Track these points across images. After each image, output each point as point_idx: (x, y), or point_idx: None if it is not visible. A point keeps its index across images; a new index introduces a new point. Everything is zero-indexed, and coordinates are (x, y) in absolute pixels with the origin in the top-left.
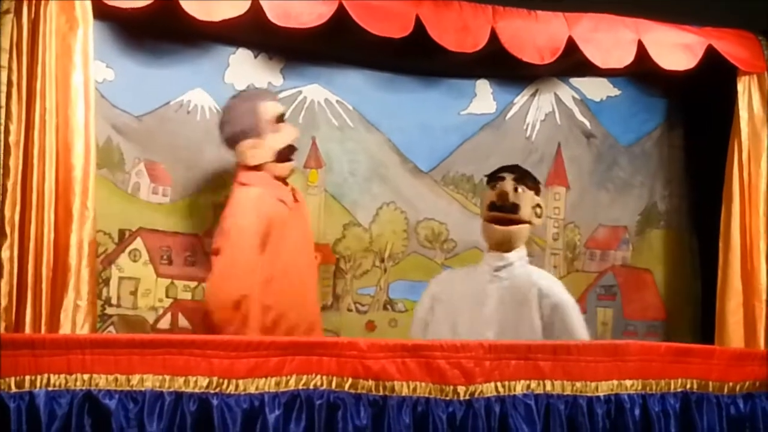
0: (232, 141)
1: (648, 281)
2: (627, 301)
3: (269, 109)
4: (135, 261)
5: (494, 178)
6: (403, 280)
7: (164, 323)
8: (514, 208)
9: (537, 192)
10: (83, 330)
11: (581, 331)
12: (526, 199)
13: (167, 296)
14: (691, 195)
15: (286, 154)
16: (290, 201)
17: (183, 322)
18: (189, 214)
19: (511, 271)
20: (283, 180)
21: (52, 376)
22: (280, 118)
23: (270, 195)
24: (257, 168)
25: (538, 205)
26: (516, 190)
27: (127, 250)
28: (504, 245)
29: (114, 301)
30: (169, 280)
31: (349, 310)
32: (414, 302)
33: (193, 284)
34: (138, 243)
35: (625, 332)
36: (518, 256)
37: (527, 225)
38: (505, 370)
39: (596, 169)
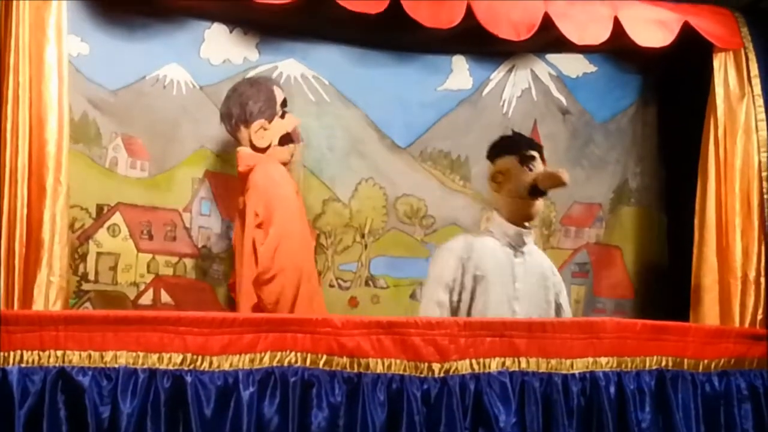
0: (243, 121)
1: (617, 259)
2: (598, 278)
3: (279, 94)
4: (114, 236)
5: (526, 157)
6: (384, 255)
7: (146, 299)
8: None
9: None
10: (56, 306)
11: (569, 311)
12: None
13: (148, 272)
14: (663, 173)
15: (286, 140)
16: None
17: (165, 297)
18: (168, 189)
19: (530, 246)
20: (286, 164)
21: (24, 352)
22: (285, 104)
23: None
24: (263, 150)
25: None
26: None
27: (106, 225)
28: (531, 219)
29: (91, 276)
30: (150, 256)
31: (331, 286)
32: (396, 279)
33: (174, 259)
34: (117, 218)
35: (595, 309)
36: (532, 231)
37: None
38: (480, 347)
39: (572, 146)
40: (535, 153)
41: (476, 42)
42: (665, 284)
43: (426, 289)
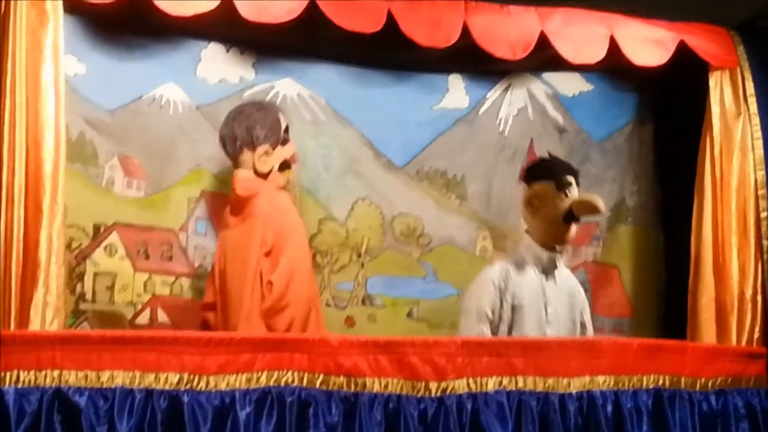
0: (248, 144)
1: (615, 277)
2: (595, 297)
3: (283, 120)
4: (111, 256)
5: (562, 182)
6: (381, 275)
7: (143, 319)
8: None
9: None
10: (52, 326)
11: (591, 329)
12: None
13: (145, 291)
14: (660, 191)
15: (284, 166)
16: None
17: (162, 317)
18: (164, 208)
19: (560, 269)
20: (284, 189)
21: (21, 372)
22: (287, 130)
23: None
24: (264, 175)
25: None
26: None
27: (103, 244)
28: (564, 243)
29: (89, 296)
30: (147, 275)
31: (328, 305)
32: (392, 298)
33: (170, 279)
34: (114, 237)
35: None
36: (565, 255)
37: None
38: (477, 366)
39: None
40: (571, 179)
41: (473, 61)
42: (663, 303)
43: (466, 321)
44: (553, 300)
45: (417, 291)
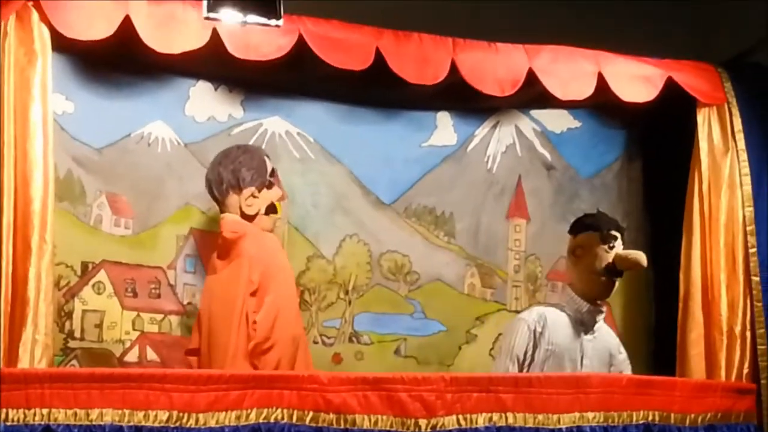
0: (234, 187)
1: (606, 314)
2: None
3: (269, 163)
4: (99, 293)
5: (608, 236)
6: (368, 312)
7: (132, 356)
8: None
9: None
10: (41, 364)
11: None
12: None
13: (134, 329)
14: (649, 227)
15: (271, 210)
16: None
17: (151, 354)
18: (152, 246)
19: (600, 324)
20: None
21: (10, 410)
22: (273, 174)
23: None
24: (251, 218)
25: None
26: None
27: (91, 282)
28: (604, 298)
29: (77, 334)
30: (135, 313)
31: (315, 342)
32: (380, 335)
33: (159, 317)
34: (102, 275)
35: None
36: (605, 311)
37: None
38: (466, 402)
39: (557, 201)
40: (617, 234)
41: (461, 98)
42: (652, 338)
43: (498, 359)
44: (590, 353)
45: (404, 328)
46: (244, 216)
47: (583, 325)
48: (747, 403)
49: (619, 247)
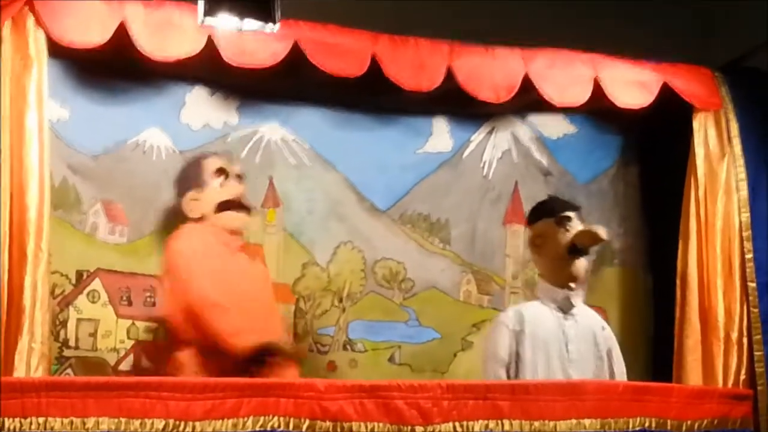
0: (178, 194)
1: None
2: None
3: (213, 163)
4: (94, 302)
5: (561, 218)
6: (362, 319)
7: (126, 365)
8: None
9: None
10: (37, 373)
11: (623, 361)
12: None
13: (128, 337)
14: (645, 232)
15: (228, 208)
16: (235, 248)
17: (146, 363)
18: (147, 254)
19: (579, 308)
20: (233, 232)
21: (6, 419)
22: (221, 172)
23: (210, 238)
24: (198, 220)
25: None
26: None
27: (86, 291)
28: (576, 280)
29: (72, 343)
30: (130, 321)
31: (310, 350)
32: (374, 343)
33: (154, 325)
34: (96, 284)
35: None
36: (582, 292)
37: None
38: (463, 410)
39: None
40: (571, 213)
41: (457, 104)
42: (649, 344)
43: (485, 365)
44: (575, 338)
45: (399, 335)
46: (191, 220)
47: (562, 312)
48: (744, 410)
49: (576, 226)
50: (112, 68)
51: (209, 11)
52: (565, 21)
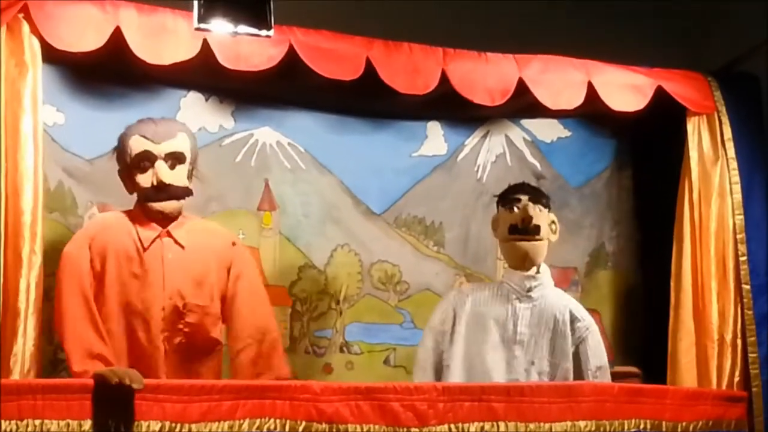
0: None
1: (595, 322)
2: None
3: (134, 144)
4: None
5: (509, 200)
6: (358, 322)
7: None
8: (537, 229)
9: (549, 209)
10: (30, 375)
11: (605, 356)
12: (543, 218)
13: None
14: (639, 235)
15: (154, 193)
16: (146, 243)
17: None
18: None
19: (542, 291)
20: (166, 219)
21: (3, 422)
22: (144, 156)
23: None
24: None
25: (553, 222)
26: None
27: None
28: (528, 262)
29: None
30: None
31: (307, 352)
32: (370, 345)
33: None
34: None
35: None
36: (547, 275)
37: (546, 241)
38: (458, 411)
39: None
40: (522, 196)
41: (451, 108)
42: (643, 347)
43: (423, 340)
44: (528, 320)
45: (394, 338)
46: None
47: (516, 293)
48: (738, 411)
49: (525, 207)
50: (107, 73)
51: (204, 17)
52: (558, 28)
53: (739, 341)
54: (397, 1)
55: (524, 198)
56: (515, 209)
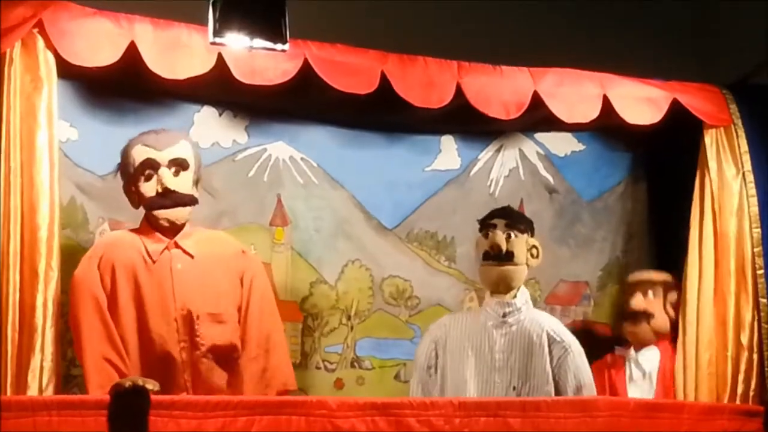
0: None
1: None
2: None
3: (137, 154)
4: None
5: (486, 225)
6: (369, 337)
7: None
8: (509, 255)
9: (531, 233)
10: (48, 391)
11: (587, 375)
12: (519, 244)
13: None
14: (654, 249)
15: (159, 201)
16: (155, 255)
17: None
18: None
19: (518, 316)
20: (174, 229)
21: None
22: (147, 164)
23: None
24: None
25: (534, 246)
26: (509, 237)
27: None
28: (502, 286)
29: (78, 361)
30: None
31: (318, 368)
32: (381, 360)
33: None
34: None
35: None
36: (524, 300)
37: (524, 266)
38: (474, 427)
39: (557, 225)
40: (497, 221)
41: (465, 121)
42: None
43: (414, 374)
44: (505, 347)
45: (405, 353)
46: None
47: (493, 319)
48: (755, 425)
49: (494, 236)
50: (121, 88)
51: (219, 31)
52: (574, 42)
53: (755, 355)
54: (412, 14)
55: (500, 223)
56: (488, 234)
